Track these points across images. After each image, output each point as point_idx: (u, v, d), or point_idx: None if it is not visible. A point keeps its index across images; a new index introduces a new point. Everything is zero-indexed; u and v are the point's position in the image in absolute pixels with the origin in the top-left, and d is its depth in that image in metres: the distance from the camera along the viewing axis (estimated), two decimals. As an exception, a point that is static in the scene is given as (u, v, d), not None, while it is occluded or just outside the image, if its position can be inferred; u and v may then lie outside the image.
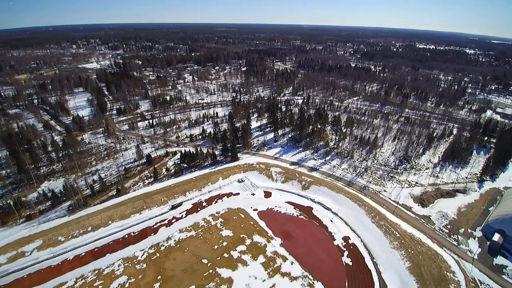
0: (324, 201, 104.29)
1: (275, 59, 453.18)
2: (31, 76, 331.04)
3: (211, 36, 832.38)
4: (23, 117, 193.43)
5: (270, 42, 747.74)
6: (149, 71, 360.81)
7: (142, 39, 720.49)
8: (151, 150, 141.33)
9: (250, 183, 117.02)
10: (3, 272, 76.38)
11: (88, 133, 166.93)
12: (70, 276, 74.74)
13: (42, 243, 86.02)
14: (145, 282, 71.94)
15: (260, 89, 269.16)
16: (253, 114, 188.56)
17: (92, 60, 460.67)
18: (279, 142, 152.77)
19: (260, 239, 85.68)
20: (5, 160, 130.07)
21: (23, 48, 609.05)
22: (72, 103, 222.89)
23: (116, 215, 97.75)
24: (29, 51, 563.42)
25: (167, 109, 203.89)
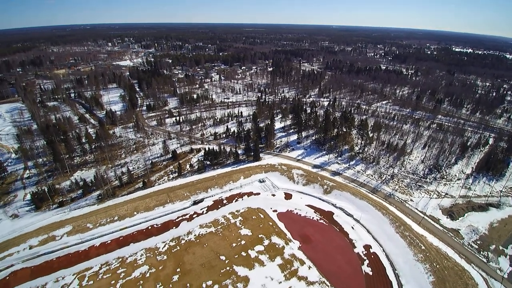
0: (346, 207, 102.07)
1: (302, 60, 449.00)
2: (69, 71, 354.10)
3: (239, 36, 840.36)
4: (61, 110, 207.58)
5: (297, 42, 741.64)
6: (178, 70, 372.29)
7: (173, 39, 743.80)
8: (176, 146, 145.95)
9: (271, 184, 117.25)
10: (34, 254, 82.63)
11: (119, 127, 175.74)
12: (96, 262, 79.36)
13: (71, 228, 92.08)
14: (165, 273, 74.66)
15: (285, 90, 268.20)
16: (277, 114, 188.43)
17: (126, 58, 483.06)
18: (302, 144, 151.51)
19: (278, 240, 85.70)
20: (42, 149, 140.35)
21: (63, 44, 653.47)
22: (105, 98, 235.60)
23: (141, 206, 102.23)
24: (68, 48, 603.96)
25: (194, 107, 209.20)
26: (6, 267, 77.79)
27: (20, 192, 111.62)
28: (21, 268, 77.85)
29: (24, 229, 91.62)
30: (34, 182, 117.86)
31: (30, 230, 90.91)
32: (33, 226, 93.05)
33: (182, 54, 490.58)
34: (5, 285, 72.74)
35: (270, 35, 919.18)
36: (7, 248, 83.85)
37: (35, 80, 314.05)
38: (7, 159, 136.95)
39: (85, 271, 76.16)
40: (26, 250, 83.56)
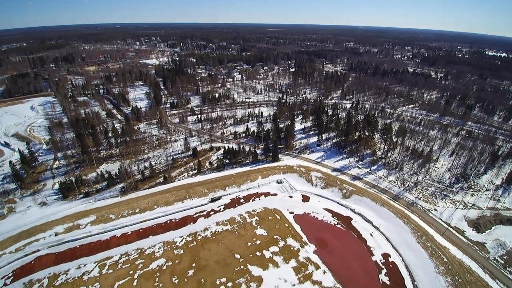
0: (365, 213, 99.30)
1: (326, 61, 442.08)
2: (99, 68, 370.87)
3: (262, 36, 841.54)
4: (90, 105, 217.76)
5: (321, 43, 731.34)
6: (201, 69, 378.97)
7: (197, 38, 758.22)
8: (197, 144, 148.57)
9: (288, 185, 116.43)
10: (59, 240, 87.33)
11: (143, 123, 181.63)
12: (116, 252, 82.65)
13: (95, 218, 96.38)
14: (181, 267, 76.29)
15: (307, 91, 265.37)
16: (298, 116, 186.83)
17: (152, 57, 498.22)
18: (322, 147, 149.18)
19: (293, 242, 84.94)
20: (71, 142, 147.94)
21: (94, 42, 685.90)
22: (132, 95, 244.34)
23: (161, 201, 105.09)
24: (99, 46, 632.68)
25: (215, 105, 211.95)
26: (32, 252, 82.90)
27: (49, 182, 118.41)
28: (46, 253, 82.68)
29: (51, 216, 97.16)
30: (63, 173, 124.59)
31: (56, 218, 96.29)
32: (59, 214, 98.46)
33: (206, 53, 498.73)
34: (30, 269, 77.48)
35: (293, 36, 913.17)
36: (34, 234, 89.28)
37: (67, 75, 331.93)
38: (39, 150, 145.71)
39: (105, 260, 79.54)
40: (52, 237, 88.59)
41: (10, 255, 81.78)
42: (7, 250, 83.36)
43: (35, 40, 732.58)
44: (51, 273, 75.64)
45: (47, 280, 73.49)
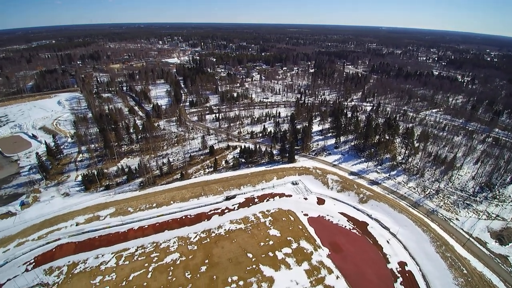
0: (382, 219, 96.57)
1: (346, 62, 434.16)
2: (123, 66, 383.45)
3: (283, 37, 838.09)
4: (113, 101, 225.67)
5: (342, 44, 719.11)
6: (221, 68, 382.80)
7: (218, 38, 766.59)
8: (214, 142, 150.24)
9: (303, 187, 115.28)
10: (80, 230, 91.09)
11: (163, 120, 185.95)
12: (133, 244, 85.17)
13: (114, 211, 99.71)
14: (194, 263, 77.43)
15: (326, 92, 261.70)
16: (316, 117, 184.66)
17: (174, 56, 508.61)
18: (340, 149, 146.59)
19: (307, 245, 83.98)
20: (95, 136, 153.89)
21: (119, 41, 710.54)
22: (153, 93, 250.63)
23: (178, 197, 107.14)
24: (123, 44, 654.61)
25: (233, 105, 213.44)
26: (54, 240, 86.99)
27: (73, 173, 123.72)
28: (66, 242, 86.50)
29: (73, 207, 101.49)
30: (86, 165, 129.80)
31: (78, 209, 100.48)
32: (81, 205, 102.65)
33: (226, 53, 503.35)
34: (51, 256, 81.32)
35: (314, 36, 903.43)
36: (56, 223, 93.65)
37: (93, 72, 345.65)
38: (64, 143, 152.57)
39: (122, 252, 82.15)
40: (72, 227, 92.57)
41: (32, 242, 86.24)
42: (30, 238, 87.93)
43: (64, 38, 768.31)
44: (70, 261, 79.06)
45: (66, 268, 76.85)
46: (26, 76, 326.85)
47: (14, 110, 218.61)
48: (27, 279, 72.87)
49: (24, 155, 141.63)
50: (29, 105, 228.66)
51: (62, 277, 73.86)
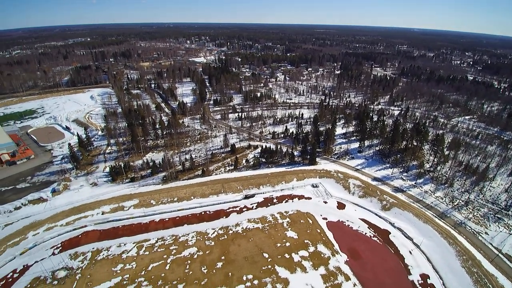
0: (405, 228, 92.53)
1: (374, 64, 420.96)
2: (152, 64, 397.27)
3: (309, 37, 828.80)
4: (142, 97, 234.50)
5: (371, 45, 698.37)
6: (246, 68, 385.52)
7: (244, 38, 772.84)
8: (236, 141, 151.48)
9: (324, 190, 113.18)
10: (105, 219, 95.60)
11: (188, 117, 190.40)
12: (154, 236, 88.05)
13: (138, 202, 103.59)
14: (210, 258, 78.57)
15: (352, 95, 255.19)
16: (340, 120, 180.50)
17: (201, 55, 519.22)
18: (363, 154, 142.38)
19: (324, 249, 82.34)
20: (123, 130, 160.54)
21: (149, 40, 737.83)
22: (179, 91, 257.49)
23: (198, 192, 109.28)
24: (153, 43, 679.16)
25: (256, 105, 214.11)
26: (81, 227, 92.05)
27: (101, 165, 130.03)
28: (92, 229, 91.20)
29: (100, 196, 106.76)
30: (113, 158, 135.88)
31: (104, 198, 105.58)
32: (107, 195, 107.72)
33: (251, 53, 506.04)
34: (77, 242, 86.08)
35: (341, 37, 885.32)
36: (84, 211, 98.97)
37: (124, 70, 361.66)
38: (95, 135, 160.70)
39: (143, 242, 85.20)
40: (98, 215, 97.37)
41: (61, 228, 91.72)
42: (59, 223, 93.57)
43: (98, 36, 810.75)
44: (94, 248, 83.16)
45: (90, 254, 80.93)
46: (62, 71, 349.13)
47: (50, 102, 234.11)
48: (53, 262, 77.48)
49: (58, 145, 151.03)
50: (64, 99, 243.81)
51: (86, 263, 77.89)
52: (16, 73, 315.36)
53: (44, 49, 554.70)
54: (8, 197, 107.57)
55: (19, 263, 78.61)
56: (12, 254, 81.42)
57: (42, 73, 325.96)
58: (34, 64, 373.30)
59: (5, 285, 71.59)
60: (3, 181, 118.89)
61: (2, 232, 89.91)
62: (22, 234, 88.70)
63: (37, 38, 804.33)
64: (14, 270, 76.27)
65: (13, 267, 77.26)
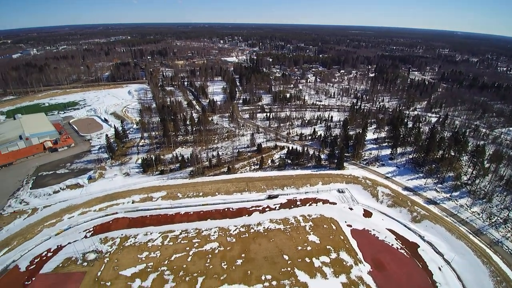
0: (436, 243, 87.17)
1: (412, 68, 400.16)
2: (186, 63, 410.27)
3: (343, 39, 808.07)
4: (175, 94, 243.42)
5: (409, 48, 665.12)
6: (276, 69, 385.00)
7: (276, 39, 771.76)
8: (262, 141, 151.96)
9: (350, 197, 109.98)
10: (134, 208, 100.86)
11: (217, 115, 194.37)
12: (178, 227, 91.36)
13: (165, 194, 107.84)
14: (231, 255, 79.71)
15: (386, 99, 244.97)
16: (372, 124, 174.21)
17: (233, 55, 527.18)
18: (395, 161, 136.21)
19: (347, 257, 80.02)
20: (156, 125, 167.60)
21: (184, 39, 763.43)
22: (211, 89, 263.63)
23: (223, 189, 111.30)
24: (188, 42, 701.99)
25: (285, 105, 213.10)
26: (112, 213, 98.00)
27: (134, 156, 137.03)
28: (122, 217, 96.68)
29: (131, 186, 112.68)
30: (146, 150, 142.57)
31: (135, 188, 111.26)
32: (138, 185, 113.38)
33: (282, 54, 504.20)
34: (107, 227, 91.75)
35: (378, 39, 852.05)
36: (115, 199, 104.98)
37: (160, 67, 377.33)
38: (130, 128, 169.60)
39: (168, 233, 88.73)
40: (129, 204, 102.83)
41: (94, 213, 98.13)
42: (92, 208, 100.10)
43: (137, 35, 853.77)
44: (123, 235, 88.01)
45: (119, 240, 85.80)
46: (103, 67, 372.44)
47: (91, 96, 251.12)
48: (84, 244, 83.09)
49: (96, 136, 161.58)
50: (104, 93, 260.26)
51: (114, 248, 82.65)
52: (62, 67, 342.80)
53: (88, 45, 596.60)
54: (48, 181, 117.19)
55: (53, 243, 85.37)
56: (48, 234, 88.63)
57: (85, 67, 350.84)
58: (78, 59, 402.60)
59: (40, 263, 78.11)
60: (44, 166, 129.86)
61: (41, 213, 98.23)
62: (59, 216, 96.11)
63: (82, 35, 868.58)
64: (49, 249, 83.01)
65: (48, 246, 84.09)
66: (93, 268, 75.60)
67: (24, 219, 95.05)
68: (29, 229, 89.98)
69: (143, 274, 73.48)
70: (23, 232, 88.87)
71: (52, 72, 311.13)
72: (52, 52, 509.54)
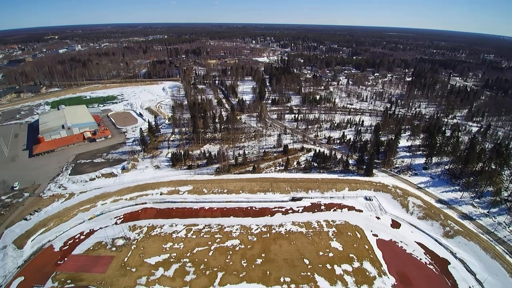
0: (468, 261, 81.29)
1: (453, 73, 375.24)
2: (218, 62, 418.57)
3: (379, 40, 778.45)
4: (206, 92, 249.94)
5: (451, 52, 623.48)
6: (307, 70, 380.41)
7: (309, 40, 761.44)
8: (289, 142, 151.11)
9: (378, 205, 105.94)
10: (162, 199, 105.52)
11: (245, 114, 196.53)
12: (202, 222, 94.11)
13: (191, 189, 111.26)
14: (251, 253, 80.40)
15: (422, 105, 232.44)
16: (405, 131, 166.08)
17: (264, 55, 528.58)
18: (429, 171, 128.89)
19: (370, 268, 77.23)
20: (186, 121, 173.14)
21: (218, 39, 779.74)
22: (240, 88, 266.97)
23: (247, 188, 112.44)
24: (221, 42, 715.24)
25: (314, 107, 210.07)
26: (141, 203, 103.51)
27: (165, 150, 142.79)
28: (150, 207, 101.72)
29: (161, 178, 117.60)
30: (176, 145, 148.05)
31: (164, 181, 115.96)
32: (166, 178, 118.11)
33: (314, 55, 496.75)
34: (136, 216, 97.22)
35: (416, 41, 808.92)
36: (145, 189, 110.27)
37: (193, 66, 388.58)
38: (162, 123, 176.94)
39: (192, 226, 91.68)
40: (157, 195, 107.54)
41: (125, 202, 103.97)
42: (124, 197, 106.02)
43: (174, 34, 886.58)
44: (150, 224, 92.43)
45: (146, 229, 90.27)
46: (141, 64, 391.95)
47: (129, 91, 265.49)
48: (114, 230, 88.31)
49: (131, 129, 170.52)
50: (140, 88, 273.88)
51: (142, 236, 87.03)
52: (103, 62, 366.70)
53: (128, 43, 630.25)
54: (86, 169, 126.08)
55: (86, 226, 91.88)
56: (82, 218, 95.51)
57: (124, 64, 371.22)
58: (118, 56, 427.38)
59: (73, 244, 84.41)
60: (83, 154, 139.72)
61: (77, 198, 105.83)
62: (93, 202, 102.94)
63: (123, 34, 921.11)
64: (82, 232, 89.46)
65: (81, 229, 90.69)
66: (121, 254, 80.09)
67: (61, 202, 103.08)
68: (65, 212, 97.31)
69: (166, 264, 76.58)
70: (59, 214, 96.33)
71: (94, 67, 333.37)
72: (95, 48, 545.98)
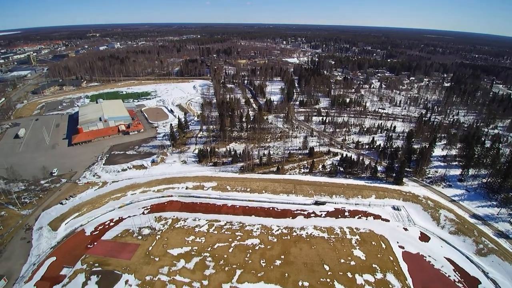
0: (502, 282, 74.76)
1: (496, 80, 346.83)
2: (248, 62, 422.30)
3: (416, 43, 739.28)
4: (234, 92, 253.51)
5: (495, 57, 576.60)
6: (338, 72, 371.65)
7: (341, 41, 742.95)
8: (315, 144, 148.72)
9: (406, 216, 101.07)
10: (187, 194, 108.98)
11: (272, 115, 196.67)
12: (224, 218, 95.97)
13: (216, 185, 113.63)
14: (270, 254, 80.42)
15: (461, 113, 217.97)
16: (441, 139, 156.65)
17: (294, 56, 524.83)
18: (465, 184, 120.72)
19: (394, 281, 73.85)
20: (214, 119, 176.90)
21: (249, 39, 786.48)
22: (269, 88, 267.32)
23: (270, 188, 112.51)
24: (252, 42, 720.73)
25: (343, 110, 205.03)
26: (167, 196, 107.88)
27: (192, 146, 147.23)
28: (176, 200, 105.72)
29: (187, 173, 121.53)
30: (203, 142, 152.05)
31: (189, 175, 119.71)
32: (192, 173, 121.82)
33: (346, 56, 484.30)
34: (162, 207, 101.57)
35: (457, 45, 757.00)
36: (172, 183, 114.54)
37: (223, 65, 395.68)
38: (191, 120, 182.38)
39: (214, 222, 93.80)
40: (182, 189, 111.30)
41: (152, 193, 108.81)
42: (152, 189, 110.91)
43: (206, 34, 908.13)
44: (175, 216, 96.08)
45: (170, 221, 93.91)
46: (174, 63, 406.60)
47: (162, 88, 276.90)
48: (141, 220, 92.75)
49: (162, 124, 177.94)
50: (172, 86, 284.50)
51: (166, 227, 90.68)
52: (139, 60, 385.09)
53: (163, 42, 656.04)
54: (119, 159, 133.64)
55: (116, 214, 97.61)
56: (112, 206, 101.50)
57: (159, 62, 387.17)
58: (154, 54, 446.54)
59: (103, 230, 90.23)
60: (117, 146, 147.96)
61: (109, 186, 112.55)
62: (123, 192, 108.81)
63: (158, 33, 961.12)
64: (111, 219, 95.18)
65: (111, 216, 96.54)
66: (146, 242, 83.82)
67: (95, 190, 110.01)
68: (98, 200, 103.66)
69: (187, 256, 79.00)
70: (92, 201, 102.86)
71: (131, 64, 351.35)
72: (132, 46, 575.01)
